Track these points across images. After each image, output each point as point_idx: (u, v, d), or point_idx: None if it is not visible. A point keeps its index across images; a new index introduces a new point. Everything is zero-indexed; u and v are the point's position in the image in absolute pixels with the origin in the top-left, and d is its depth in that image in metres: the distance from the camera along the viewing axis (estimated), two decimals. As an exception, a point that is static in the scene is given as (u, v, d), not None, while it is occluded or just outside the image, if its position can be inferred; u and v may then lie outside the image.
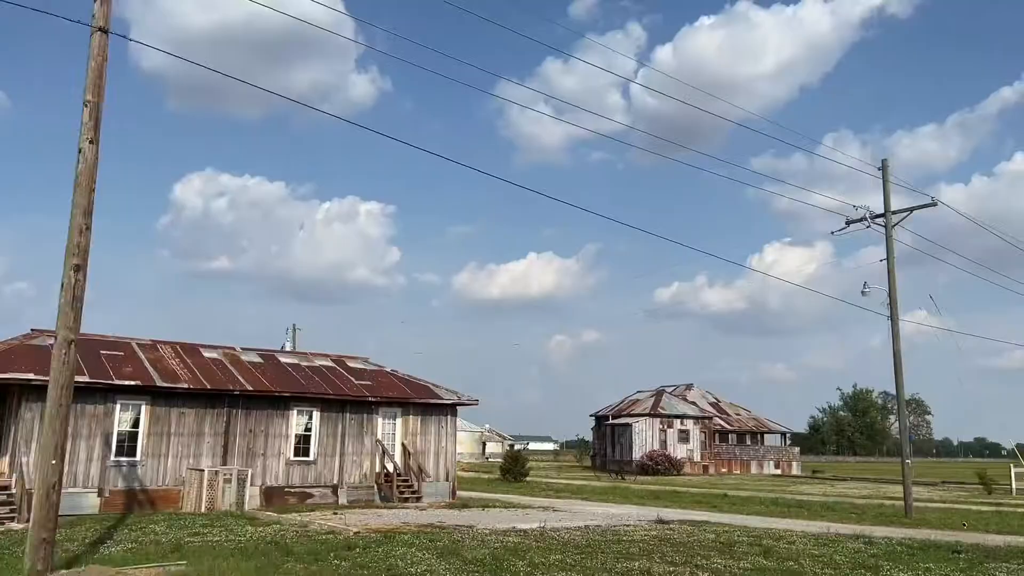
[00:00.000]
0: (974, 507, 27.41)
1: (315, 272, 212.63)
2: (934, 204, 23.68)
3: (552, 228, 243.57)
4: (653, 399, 58.12)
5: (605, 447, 59.81)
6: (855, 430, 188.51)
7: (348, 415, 22.26)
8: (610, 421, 58.98)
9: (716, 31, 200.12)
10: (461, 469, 58.92)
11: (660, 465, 52.81)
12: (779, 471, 60.98)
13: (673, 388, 65.61)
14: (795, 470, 61.81)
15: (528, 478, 40.50)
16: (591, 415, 62.83)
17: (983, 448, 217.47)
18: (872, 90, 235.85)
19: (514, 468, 38.79)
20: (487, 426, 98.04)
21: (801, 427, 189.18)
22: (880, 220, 24.17)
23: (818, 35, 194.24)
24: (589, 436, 71.10)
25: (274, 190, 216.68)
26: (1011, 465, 37.77)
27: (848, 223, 24.73)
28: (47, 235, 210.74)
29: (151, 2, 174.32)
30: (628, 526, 17.61)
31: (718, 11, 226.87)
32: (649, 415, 56.26)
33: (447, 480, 23.97)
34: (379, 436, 22.66)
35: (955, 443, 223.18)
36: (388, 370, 24.94)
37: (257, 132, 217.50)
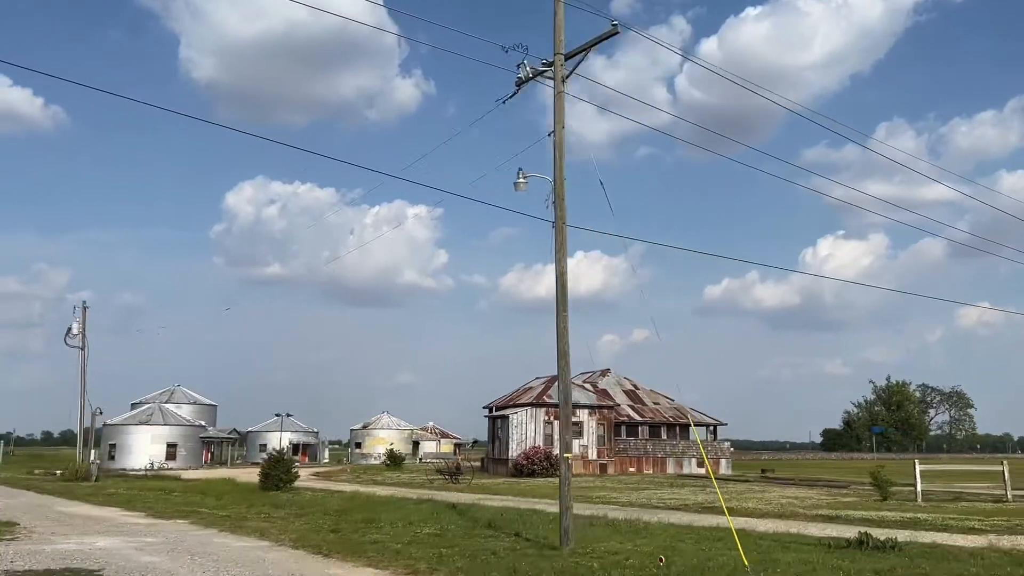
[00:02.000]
0: (750, 524, 18.05)
1: (365, 276, 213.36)
2: (616, 32, 14.39)
3: (599, 226, 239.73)
4: (544, 386, 48.94)
5: (490, 444, 50.90)
6: (888, 425, 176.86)
7: None
8: (494, 413, 49.97)
9: (762, 21, 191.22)
10: (312, 474, 50.56)
11: (537, 465, 43.73)
12: (703, 470, 51.24)
13: (589, 374, 56.43)
14: (724, 468, 52.03)
15: (298, 484, 31.88)
16: (484, 407, 53.85)
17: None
18: (926, 77, 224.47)
19: (274, 473, 30.10)
20: (431, 423, 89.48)
21: (835, 423, 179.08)
22: (552, 72, 15.03)
23: (869, 22, 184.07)
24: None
25: (324, 196, 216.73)
26: (915, 462, 27.91)
27: (519, 84, 15.61)
28: (107, 247, 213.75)
29: (199, 14, 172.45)
30: None
31: (764, 1, 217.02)
32: (532, 405, 47.15)
33: None
34: None
35: (1015, 438, 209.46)
36: None
37: (305, 138, 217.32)
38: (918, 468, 27.60)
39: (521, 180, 14.71)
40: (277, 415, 78.68)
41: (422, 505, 22.35)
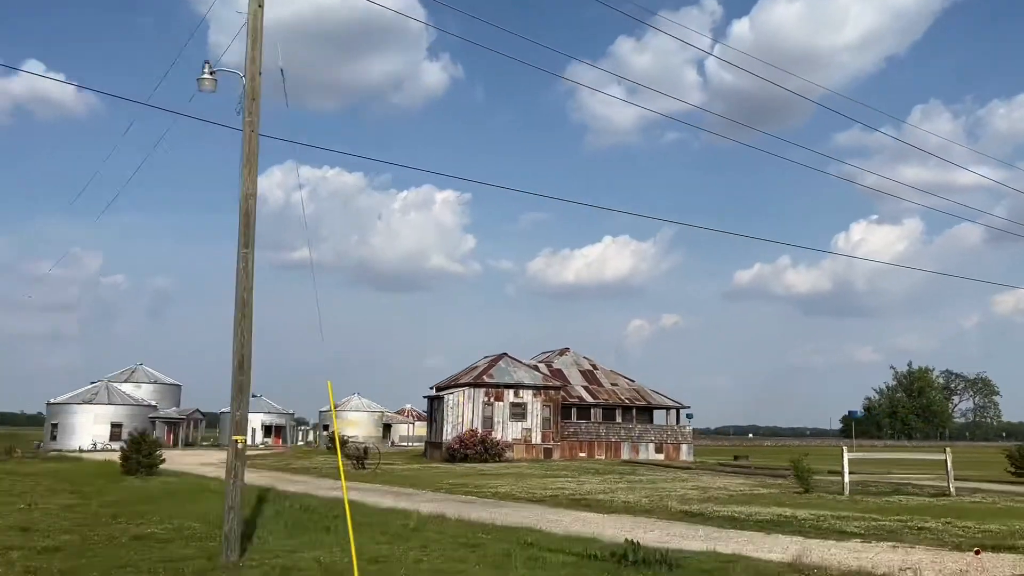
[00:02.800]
0: (589, 522, 14.61)
1: (393, 261, 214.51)
2: None
3: (627, 211, 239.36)
4: (488, 364, 45.59)
5: (428, 427, 47.77)
6: (909, 411, 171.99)
7: None
8: (434, 393, 46.72)
9: (794, 2, 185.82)
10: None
11: (471, 449, 40.54)
12: (662, 455, 47.73)
13: (548, 353, 53.06)
14: (685, 454, 48.43)
15: (188, 468, 29.06)
16: (431, 387, 50.57)
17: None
18: (964, 58, 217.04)
19: (133, 457, 27.06)
20: (408, 406, 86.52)
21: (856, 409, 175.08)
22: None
23: (905, 2, 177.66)
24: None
25: (352, 180, 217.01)
26: (843, 449, 24.21)
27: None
28: (139, 232, 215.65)
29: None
30: None
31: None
32: (471, 385, 43.83)
33: None
34: None
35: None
36: None
37: (335, 123, 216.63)
38: (846, 456, 23.99)
39: (206, 76, 11.26)
40: (242, 396, 75.97)
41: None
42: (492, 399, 43.72)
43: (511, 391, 44.15)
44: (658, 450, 47.99)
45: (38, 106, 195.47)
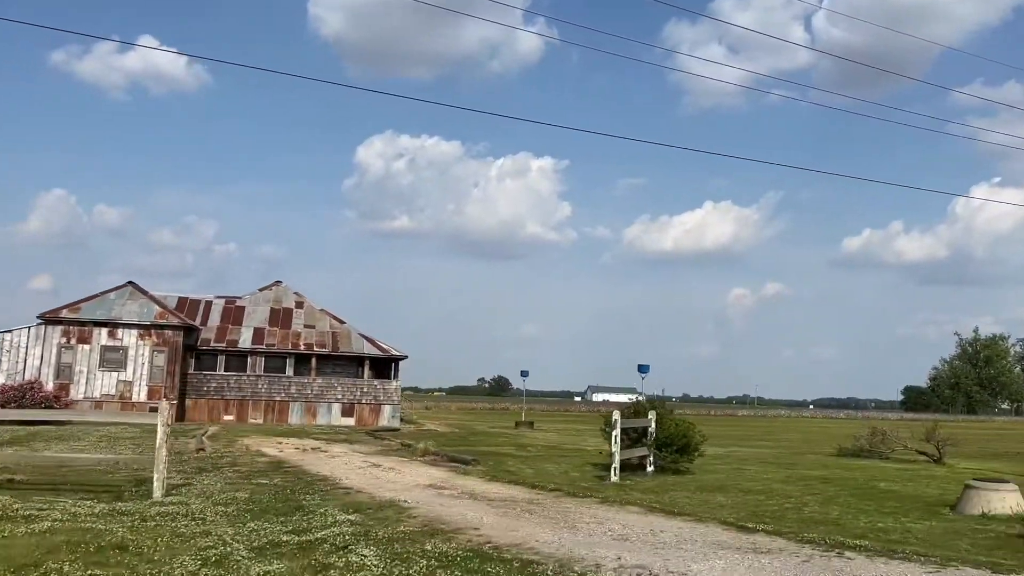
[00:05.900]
0: None
1: (489, 229, 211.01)
2: None
3: (729, 176, 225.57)
4: (93, 296, 33.70)
5: None
6: (972, 383, 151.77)
7: None
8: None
9: None
10: None
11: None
12: (352, 419, 34.87)
13: (264, 288, 40.69)
14: (387, 418, 35.32)
15: None
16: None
17: None
18: None
19: None
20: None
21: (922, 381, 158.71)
22: None
23: None
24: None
25: (450, 149, 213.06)
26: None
27: None
28: (252, 201, 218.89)
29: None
30: None
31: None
32: (45, 322, 32.14)
33: None
34: None
35: None
36: None
37: (432, 92, 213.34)
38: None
39: None
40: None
41: None
42: (73, 340, 31.91)
43: (103, 330, 32.19)
44: (347, 412, 35.11)
45: (152, 82, 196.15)
